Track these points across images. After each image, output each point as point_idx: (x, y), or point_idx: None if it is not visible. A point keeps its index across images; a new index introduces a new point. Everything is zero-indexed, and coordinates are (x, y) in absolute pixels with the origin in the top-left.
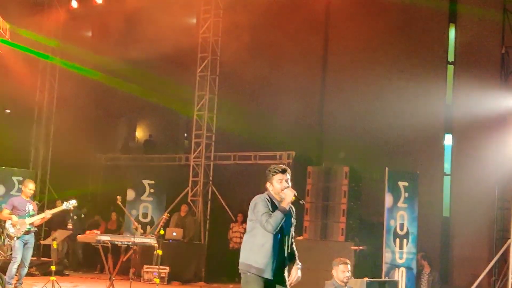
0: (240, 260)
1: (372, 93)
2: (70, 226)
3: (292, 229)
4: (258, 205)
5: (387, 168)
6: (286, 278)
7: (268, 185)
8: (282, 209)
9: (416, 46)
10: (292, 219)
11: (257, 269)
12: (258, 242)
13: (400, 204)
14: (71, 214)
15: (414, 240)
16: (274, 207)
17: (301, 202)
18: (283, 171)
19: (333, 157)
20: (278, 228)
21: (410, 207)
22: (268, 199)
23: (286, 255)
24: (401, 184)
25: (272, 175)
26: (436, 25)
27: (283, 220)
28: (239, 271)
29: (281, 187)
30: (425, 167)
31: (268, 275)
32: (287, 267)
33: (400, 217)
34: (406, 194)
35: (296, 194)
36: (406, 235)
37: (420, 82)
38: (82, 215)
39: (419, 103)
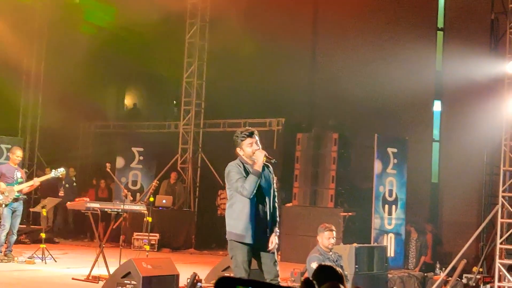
0: (226, 229)
1: (362, 60)
2: (61, 193)
3: (273, 191)
4: (231, 172)
5: (376, 135)
6: (267, 242)
7: (238, 150)
8: (255, 172)
9: (405, 12)
10: (272, 180)
11: (237, 235)
12: (237, 208)
13: (389, 170)
14: (63, 182)
15: (403, 206)
16: (247, 172)
17: (272, 161)
18: (251, 134)
19: (322, 124)
20: (254, 191)
21: (399, 173)
22: (239, 165)
23: (268, 218)
24: (390, 150)
25: (241, 140)
26: None
27: (257, 183)
28: (227, 238)
29: (251, 150)
30: (414, 133)
31: (249, 240)
32: (269, 231)
33: (389, 183)
34: (395, 160)
35: (266, 154)
36: (395, 201)
37: (409, 48)
38: (74, 184)
39: (409, 69)
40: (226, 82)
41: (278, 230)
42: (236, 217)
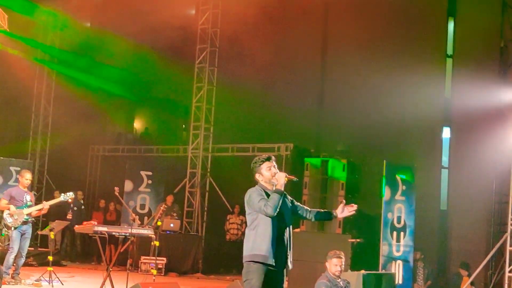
0: (244, 253)
1: (371, 86)
2: (69, 216)
3: (295, 209)
4: (252, 195)
5: (385, 161)
6: (290, 265)
7: (257, 176)
8: (278, 190)
9: (415, 39)
10: (289, 204)
11: (262, 256)
12: (260, 232)
13: (398, 197)
14: (72, 205)
15: (411, 233)
16: (268, 196)
17: (294, 180)
18: (268, 159)
19: (331, 150)
20: (278, 209)
21: (407, 200)
22: (261, 190)
23: (287, 244)
24: (399, 177)
25: (259, 165)
26: (435, 18)
27: (280, 201)
28: (243, 262)
29: (271, 173)
30: (423, 160)
31: (271, 261)
32: (290, 255)
33: (397, 210)
34: (404, 187)
35: (287, 175)
36: (403, 228)
37: (419, 75)
38: (82, 207)
39: (418, 96)
40: (235, 107)
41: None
42: (261, 240)
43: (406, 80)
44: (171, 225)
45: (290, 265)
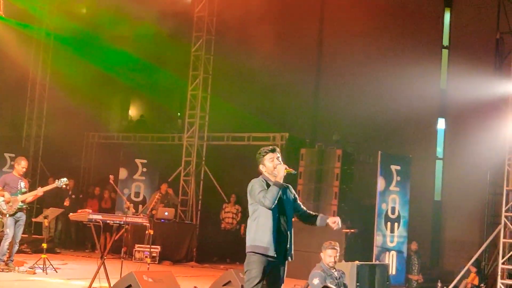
0: (247, 243)
1: (367, 77)
2: (67, 203)
3: (296, 205)
4: (253, 186)
5: (380, 152)
6: (289, 258)
7: (261, 167)
8: (277, 183)
9: (411, 30)
10: (291, 198)
11: (264, 248)
12: (261, 223)
13: (392, 187)
14: (70, 192)
15: (405, 224)
16: (269, 187)
17: (292, 172)
18: (273, 150)
19: (326, 140)
20: (275, 201)
21: (402, 191)
22: (263, 181)
23: (288, 236)
24: (394, 167)
25: (263, 155)
26: (432, 9)
27: (279, 193)
28: (246, 253)
29: (273, 165)
30: (418, 151)
31: (272, 252)
32: (291, 247)
33: (392, 200)
34: (398, 178)
35: (287, 167)
36: (398, 219)
37: (414, 66)
38: (81, 195)
39: (414, 87)
40: (231, 95)
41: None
42: (262, 231)
43: (402, 71)
44: (166, 213)
45: (290, 258)
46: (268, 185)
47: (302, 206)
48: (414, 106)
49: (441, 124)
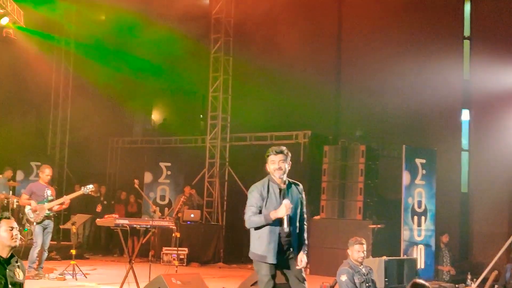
0: (250, 247)
1: (388, 71)
2: (99, 209)
3: (301, 211)
4: (250, 194)
5: (404, 146)
6: (294, 260)
7: (267, 166)
8: (267, 219)
9: (431, 22)
10: (299, 200)
11: (259, 256)
12: (259, 231)
13: (418, 181)
14: (102, 199)
15: (432, 217)
16: (268, 191)
17: (285, 228)
18: (277, 152)
19: (349, 136)
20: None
21: (428, 184)
22: (264, 185)
23: (293, 237)
24: (419, 161)
25: (267, 157)
26: (452, 0)
27: (262, 225)
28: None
29: (273, 167)
30: (443, 143)
31: (271, 260)
32: (294, 250)
33: (417, 194)
34: (424, 171)
35: (288, 215)
36: (424, 213)
37: (436, 58)
38: (112, 201)
39: (436, 79)
40: (252, 96)
41: (306, 249)
42: (257, 238)
43: (424, 64)
44: (192, 215)
45: (303, 257)
46: (268, 190)
47: (302, 218)
48: (438, 99)
49: (465, 115)
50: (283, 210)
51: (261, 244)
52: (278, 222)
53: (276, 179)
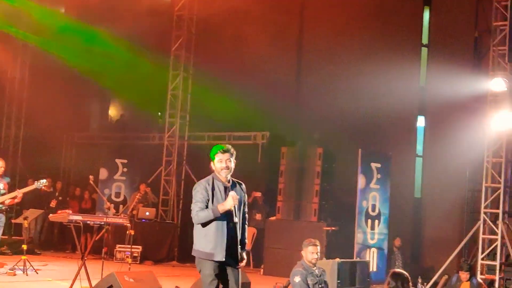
0: (193, 246)
1: (347, 75)
2: (53, 205)
3: (243, 210)
4: (195, 191)
5: (360, 149)
6: (244, 256)
7: (211, 164)
8: (215, 212)
9: (391, 29)
10: (242, 199)
11: (206, 253)
12: (204, 228)
13: (373, 185)
14: (57, 194)
15: (385, 221)
16: (213, 188)
17: (235, 219)
18: (224, 151)
19: (307, 138)
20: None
21: (382, 188)
22: (209, 182)
23: (238, 235)
24: (374, 165)
25: (213, 154)
26: (411, 8)
27: (210, 220)
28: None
29: (220, 166)
30: (398, 148)
31: (219, 257)
32: (238, 248)
33: (372, 198)
34: (379, 175)
35: (235, 204)
36: (378, 216)
37: (394, 64)
38: (67, 198)
39: (393, 85)
40: (211, 95)
41: (245, 249)
42: (203, 236)
43: (382, 69)
44: (147, 213)
45: (244, 256)
46: (213, 187)
47: (245, 213)
48: (394, 104)
49: (421, 122)
50: (231, 201)
51: (208, 242)
52: (225, 217)
53: (221, 177)
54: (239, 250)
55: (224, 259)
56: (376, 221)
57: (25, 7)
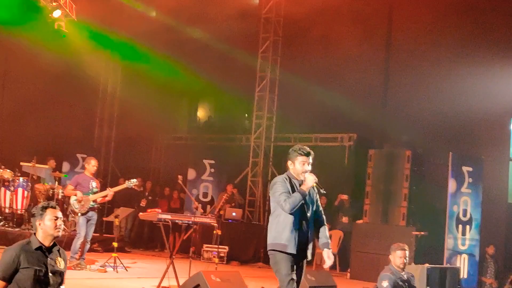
0: (268, 241)
1: (438, 76)
2: (143, 204)
3: (318, 209)
4: (276, 185)
5: (451, 153)
6: (309, 256)
7: (289, 163)
8: (302, 192)
9: (482, 29)
10: (315, 198)
11: (281, 245)
12: (281, 221)
13: (464, 189)
14: (146, 194)
15: (477, 227)
16: (292, 186)
17: (322, 190)
18: (308, 154)
19: (395, 141)
20: (295, 208)
21: (474, 193)
22: (286, 179)
23: (309, 234)
24: (465, 169)
25: (296, 155)
26: (505, 5)
27: (301, 202)
28: (268, 253)
29: (302, 169)
30: (491, 152)
31: (292, 249)
32: (310, 246)
33: (463, 202)
34: (470, 180)
35: (317, 181)
36: (469, 221)
37: (487, 64)
38: (157, 198)
39: (486, 86)
40: (298, 96)
41: (330, 248)
42: (281, 230)
43: (474, 69)
44: (233, 214)
45: (309, 256)
46: (291, 184)
47: (321, 212)
48: (487, 106)
49: None
50: (310, 178)
51: (284, 233)
52: (298, 213)
53: (297, 178)
54: (310, 247)
55: (296, 253)
56: (467, 227)
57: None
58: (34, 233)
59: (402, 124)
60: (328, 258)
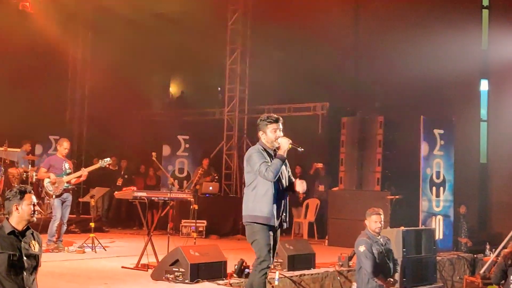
0: (244, 213)
1: (407, 41)
2: (119, 183)
3: (289, 175)
4: (252, 156)
5: (422, 116)
6: (285, 225)
7: (260, 133)
8: (281, 157)
9: None
10: (287, 168)
11: (264, 218)
12: (260, 192)
13: (436, 152)
14: (122, 172)
15: (450, 188)
16: (268, 156)
17: (299, 149)
18: (277, 120)
19: (368, 107)
20: (278, 175)
21: (446, 155)
22: (261, 150)
23: (284, 205)
24: (437, 131)
25: (266, 124)
26: None
27: (281, 167)
28: (244, 224)
29: (274, 136)
30: (461, 113)
31: (274, 222)
32: (287, 215)
33: (436, 165)
34: (442, 142)
35: (291, 142)
36: (443, 183)
37: (455, 28)
38: (133, 176)
39: (454, 49)
40: (270, 68)
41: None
42: (261, 201)
43: (442, 33)
44: (210, 188)
45: (285, 225)
46: (266, 153)
47: (292, 178)
48: (456, 69)
49: (484, 85)
50: (284, 141)
51: (265, 205)
52: (276, 183)
53: (270, 147)
54: (287, 216)
55: (276, 225)
56: (441, 188)
57: None
58: (7, 218)
59: (373, 91)
60: (301, 184)
